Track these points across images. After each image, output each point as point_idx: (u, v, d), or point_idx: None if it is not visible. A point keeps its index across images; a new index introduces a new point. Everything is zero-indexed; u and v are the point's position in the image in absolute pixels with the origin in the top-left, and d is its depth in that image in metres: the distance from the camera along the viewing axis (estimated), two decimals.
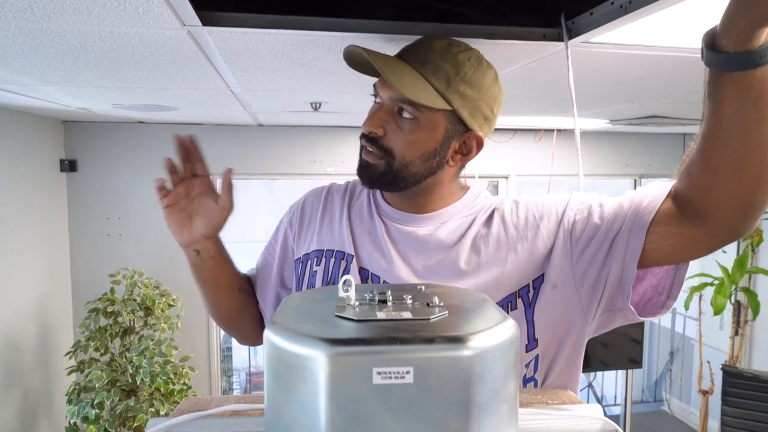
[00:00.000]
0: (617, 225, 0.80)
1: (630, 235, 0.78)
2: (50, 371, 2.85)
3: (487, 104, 0.85)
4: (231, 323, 1.07)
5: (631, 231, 0.78)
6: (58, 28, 0.92)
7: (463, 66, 0.82)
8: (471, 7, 0.98)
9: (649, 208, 0.77)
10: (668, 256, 0.79)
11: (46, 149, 2.88)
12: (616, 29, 0.91)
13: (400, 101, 0.81)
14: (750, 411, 2.50)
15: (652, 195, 0.79)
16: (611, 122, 2.72)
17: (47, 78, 1.46)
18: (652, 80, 1.47)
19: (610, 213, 0.81)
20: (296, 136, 3.29)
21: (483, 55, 0.86)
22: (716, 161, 0.67)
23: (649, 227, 0.76)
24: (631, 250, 0.78)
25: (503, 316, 0.51)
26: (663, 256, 0.78)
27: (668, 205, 0.77)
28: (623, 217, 0.79)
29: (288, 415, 0.47)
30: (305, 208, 1.01)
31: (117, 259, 3.04)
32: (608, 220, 0.81)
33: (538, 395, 0.81)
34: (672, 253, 0.79)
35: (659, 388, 4.78)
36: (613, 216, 0.81)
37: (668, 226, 0.76)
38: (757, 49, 0.57)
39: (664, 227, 0.76)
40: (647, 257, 0.78)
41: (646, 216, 0.77)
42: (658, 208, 0.77)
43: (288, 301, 0.59)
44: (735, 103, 0.62)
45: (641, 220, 0.77)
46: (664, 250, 0.77)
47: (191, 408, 0.73)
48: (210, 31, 0.94)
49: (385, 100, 0.84)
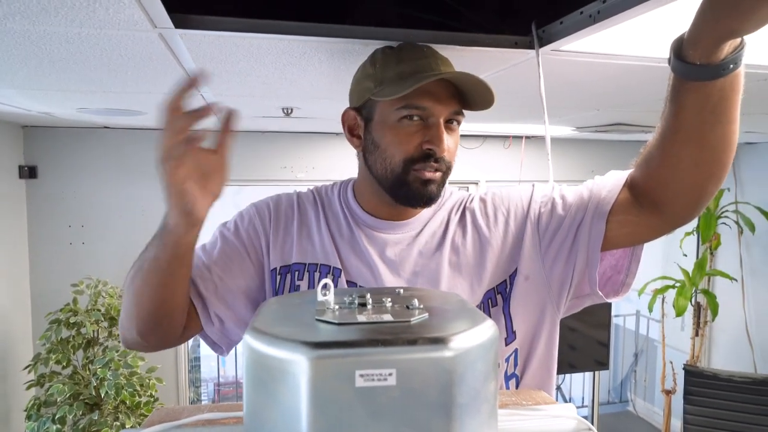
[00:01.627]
0: (580, 215, 0.85)
1: (592, 224, 0.83)
2: (7, 386, 2.73)
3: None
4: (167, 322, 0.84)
5: (592, 220, 0.83)
6: (21, 28, 0.89)
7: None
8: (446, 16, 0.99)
9: (608, 199, 0.83)
10: (627, 241, 0.86)
11: (4, 155, 2.77)
12: (585, 38, 0.94)
13: (456, 113, 0.85)
14: (710, 409, 2.58)
15: (610, 185, 0.85)
16: (577, 129, 2.79)
17: (8, 81, 1.41)
18: (618, 88, 1.52)
19: (572, 203, 0.86)
20: (266, 142, 3.25)
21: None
22: (675, 159, 0.73)
23: (609, 216, 0.82)
24: (594, 238, 0.83)
25: (482, 317, 0.51)
26: (622, 241, 0.85)
27: (625, 195, 0.83)
28: (584, 207, 0.85)
29: (269, 421, 0.46)
30: (280, 214, 0.93)
31: (80, 268, 2.94)
32: (571, 210, 0.86)
33: (512, 396, 0.82)
34: (630, 239, 0.86)
35: (624, 388, 4.89)
36: (576, 207, 0.86)
37: (626, 215, 0.82)
38: (719, 62, 0.61)
39: (623, 216, 0.82)
40: (607, 243, 0.83)
41: (605, 206, 0.83)
42: (615, 198, 0.82)
43: (266, 306, 0.58)
44: (695, 109, 0.67)
45: (601, 209, 0.83)
46: (622, 237, 0.84)
47: (162, 419, 0.71)
48: (182, 34, 0.93)
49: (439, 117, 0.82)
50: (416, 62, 0.84)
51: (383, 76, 0.84)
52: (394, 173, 0.84)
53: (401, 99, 0.80)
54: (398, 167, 0.83)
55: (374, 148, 0.86)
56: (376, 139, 0.86)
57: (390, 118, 0.83)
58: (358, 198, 0.93)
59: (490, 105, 0.85)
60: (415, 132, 0.83)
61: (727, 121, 0.68)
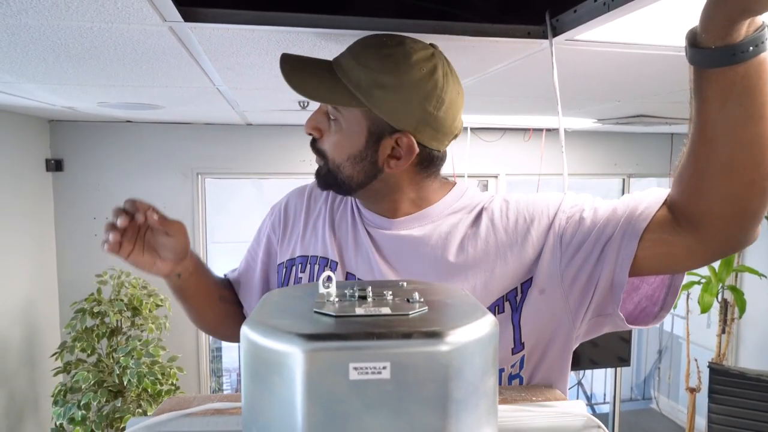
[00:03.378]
0: (609, 230, 0.77)
1: (622, 242, 0.75)
2: (36, 373, 2.81)
3: (418, 102, 0.78)
4: (218, 331, 1.08)
5: (623, 237, 0.75)
6: (36, 23, 0.91)
7: (383, 61, 0.77)
8: (459, 8, 0.98)
9: (644, 215, 0.74)
10: (662, 265, 0.77)
11: (31, 149, 2.85)
12: (600, 27, 0.91)
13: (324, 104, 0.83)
14: (736, 408, 2.52)
15: (648, 201, 0.76)
16: (599, 121, 2.73)
17: (29, 75, 1.44)
18: (638, 79, 1.48)
19: (602, 217, 0.78)
20: (285, 136, 3.27)
21: (421, 50, 0.79)
22: (704, 163, 0.65)
23: (643, 234, 0.73)
24: (623, 256, 0.75)
25: (483, 312, 0.50)
26: (656, 264, 0.76)
27: (663, 213, 0.74)
28: (616, 222, 0.77)
29: (265, 412, 0.46)
30: (288, 211, 0.99)
31: (104, 259, 3.00)
32: (600, 224, 0.78)
33: (522, 392, 0.81)
34: (665, 263, 0.76)
35: (648, 386, 4.81)
36: (606, 221, 0.78)
37: (662, 233, 0.73)
38: (737, 43, 0.56)
39: (658, 234, 0.73)
40: (640, 265, 0.75)
41: (641, 223, 0.74)
42: (653, 215, 0.74)
43: (267, 298, 0.58)
44: (719, 102, 0.60)
45: (635, 226, 0.74)
46: (657, 259, 0.75)
47: (173, 407, 0.72)
48: (192, 27, 0.93)
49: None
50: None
51: None
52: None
53: None
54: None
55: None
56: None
57: None
58: None
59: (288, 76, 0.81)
60: None
61: (759, 116, 0.60)
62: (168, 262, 0.88)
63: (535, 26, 1.00)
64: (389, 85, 0.77)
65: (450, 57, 0.83)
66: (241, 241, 2.24)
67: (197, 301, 0.99)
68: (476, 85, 1.53)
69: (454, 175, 3.07)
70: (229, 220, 4.30)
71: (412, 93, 0.77)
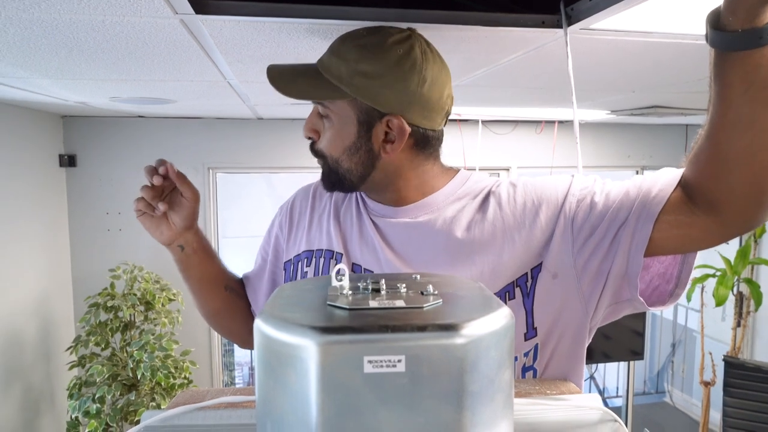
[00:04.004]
0: (623, 214, 0.76)
1: (637, 226, 0.74)
2: (52, 366, 2.85)
3: (400, 83, 0.78)
4: (218, 320, 1.08)
5: (638, 221, 0.74)
6: (48, 17, 0.91)
7: (360, 50, 0.79)
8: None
9: (659, 198, 0.73)
10: (677, 246, 0.76)
11: (45, 144, 2.88)
12: (615, 15, 0.89)
13: (314, 104, 0.85)
14: (752, 402, 2.49)
15: (662, 183, 0.75)
16: (612, 113, 2.70)
17: (42, 70, 1.45)
18: (654, 68, 1.45)
19: (615, 201, 0.77)
20: (296, 130, 3.27)
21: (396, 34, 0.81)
22: (726, 147, 0.65)
23: (658, 216, 0.73)
24: (638, 241, 0.74)
25: (498, 304, 0.50)
26: (671, 245, 0.75)
27: (678, 194, 0.73)
28: (630, 205, 0.76)
29: (279, 405, 0.46)
30: (294, 210, 1.01)
31: (117, 253, 3.04)
32: (613, 208, 0.77)
33: (537, 386, 0.80)
34: (681, 243, 0.76)
35: (661, 379, 4.78)
36: (619, 204, 0.77)
37: (678, 215, 0.73)
38: (764, 25, 0.55)
39: (674, 216, 0.73)
40: (655, 247, 0.74)
41: (656, 206, 0.73)
42: (668, 197, 0.73)
43: (280, 291, 0.58)
44: (743, 86, 0.59)
45: (650, 210, 0.73)
46: (672, 240, 0.74)
47: (186, 401, 0.73)
48: (203, 20, 0.93)
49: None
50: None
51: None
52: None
53: None
54: None
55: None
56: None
57: None
58: None
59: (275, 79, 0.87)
60: None
61: None
62: (173, 229, 0.93)
63: (549, 15, 0.98)
64: (369, 72, 0.78)
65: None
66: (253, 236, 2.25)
67: (201, 283, 1.01)
68: (488, 77, 1.51)
69: (465, 167, 3.05)
70: (240, 215, 4.32)
71: (392, 75, 0.78)
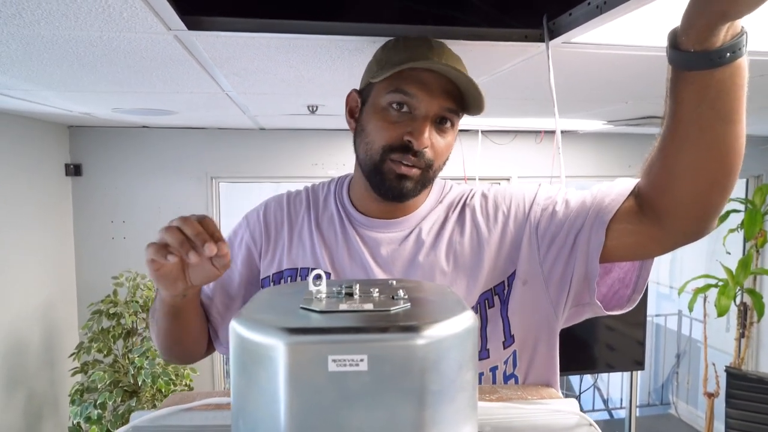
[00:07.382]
0: (579, 222, 0.80)
1: (591, 232, 0.78)
2: (55, 372, 2.88)
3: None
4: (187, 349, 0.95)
5: (592, 228, 0.79)
6: (49, 33, 0.95)
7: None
8: (461, 11, 0.99)
9: (611, 206, 0.78)
10: (629, 253, 0.80)
11: (51, 154, 2.93)
12: (595, 29, 0.92)
13: (448, 110, 0.81)
14: (755, 413, 2.47)
15: (615, 192, 0.79)
16: (609, 123, 2.71)
17: (45, 83, 1.49)
18: (642, 80, 1.48)
19: (573, 209, 0.82)
20: (298, 140, 3.31)
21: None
22: (673, 161, 0.68)
23: (610, 224, 0.77)
24: (593, 246, 0.78)
25: (463, 307, 0.52)
26: (624, 252, 0.79)
27: (630, 203, 0.77)
28: (585, 213, 0.80)
29: (251, 403, 0.48)
30: (269, 222, 0.94)
31: (121, 261, 3.07)
32: (571, 216, 0.81)
33: (518, 391, 0.82)
34: (633, 250, 0.80)
35: (666, 391, 4.73)
36: (576, 212, 0.81)
37: (628, 224, 0.76)
38: (715, 49, 0.57)
39: (624, 225, 0.77)
40: (609, 254, 0.78)
41: (607, 214, 0.77)
42: (618, 207, 0.77)
43: (258, 295, 0.61)
44: (693, 103, 0.62)
45: (602, 218, 0.78)
46: (624, 248, 0.78)
47: (176, 403, 0.75)
48: (197, 36, 0.96)
49: (428, 110, 0.80)
50: (416, 50, 0.82)
51: (386, 60, 0.82)
52: (373, 159, 0.82)
53: (391, 82, 0.79)
54: (377, 154, 0.82)
55: (361, 131, 0.85)
56: (364, 122, 0.84)
57: (379, 102, 0.82)
58: (352, 196, 0.92)
59: (482, 109, 0.82)
60: (399, 121, 0.80)
61: (729, 119, 0.62)
62: (190, 284, 0.78)
63: (532, 29, 1.01)
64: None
65: None
66: None
67: (191, 319, 0.89)
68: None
69: (465, 178, 3.07)
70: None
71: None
